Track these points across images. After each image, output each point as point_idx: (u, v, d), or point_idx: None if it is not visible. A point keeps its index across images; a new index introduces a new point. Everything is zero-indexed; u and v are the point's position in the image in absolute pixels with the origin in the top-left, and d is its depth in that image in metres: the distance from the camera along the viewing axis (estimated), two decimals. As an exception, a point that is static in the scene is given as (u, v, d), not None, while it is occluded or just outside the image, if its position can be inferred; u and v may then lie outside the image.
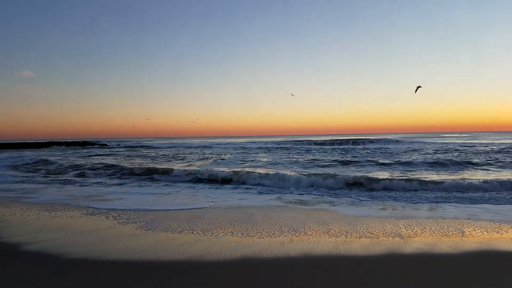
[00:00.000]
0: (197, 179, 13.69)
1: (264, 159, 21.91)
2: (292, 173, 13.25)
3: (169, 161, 22.78)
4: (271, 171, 14.49)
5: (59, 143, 58.10)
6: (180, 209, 7.92)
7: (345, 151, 29.67)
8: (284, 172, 13.59)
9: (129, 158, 25.99)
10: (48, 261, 4.39)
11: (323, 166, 17.40)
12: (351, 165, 17.30)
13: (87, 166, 18.17)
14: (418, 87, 11.45)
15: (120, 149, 44.02)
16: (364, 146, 37.85)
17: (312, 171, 14.70)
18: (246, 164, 19.47)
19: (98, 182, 13.24)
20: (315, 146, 38.96)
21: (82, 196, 9.82)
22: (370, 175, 12.75)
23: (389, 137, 60.49)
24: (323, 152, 28.96)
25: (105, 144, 61.14)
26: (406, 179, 11.34)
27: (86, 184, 12.75)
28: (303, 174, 12.73)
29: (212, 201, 8.90)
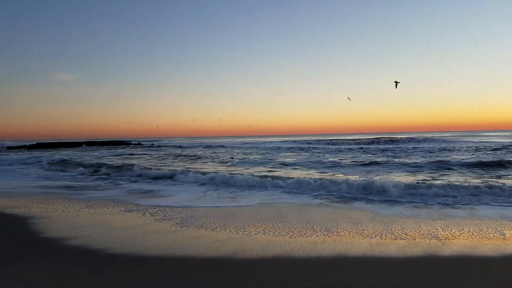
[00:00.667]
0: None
1: (291, 159, 21.76)
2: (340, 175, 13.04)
3: (206, 161, 22.94)
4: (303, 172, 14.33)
5: (92, 143, 60.48)
6: (216, 207, 8.11)
7: (387, 151, 27.44)
8: (329, 176, 13.41)
9: (161, 157, 26.66)
10: (88, 256, 4.58)
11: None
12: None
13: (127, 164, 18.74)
14: (396, 82, 11.09)
15: (153, 149, 45.20)
16: (398, 145, 36.48)
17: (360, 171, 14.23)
18: (280, 163, 19.38)
19: (140, 181, 13.63)
20: (353, 146, 37.44)
21: (129, 193, 10.17)
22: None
23: (413, 135, 58.11)
24: (363, 152, 27.52)
25: (140, 144, 63.04)
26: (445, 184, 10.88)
27: (128, 182, 13.16)
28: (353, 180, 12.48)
29: (249, 200, 8.97)
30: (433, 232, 5.57)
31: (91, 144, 59.37)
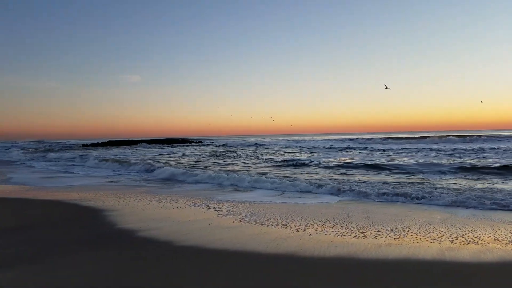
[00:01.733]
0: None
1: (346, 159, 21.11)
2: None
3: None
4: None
5: (153, 141, 64.15)
6: (282, 202, 8.31)
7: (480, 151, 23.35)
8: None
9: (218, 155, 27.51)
10: (159, 247, 4.92)
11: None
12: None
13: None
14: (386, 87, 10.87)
15: (214, 147, 46.70)
16: (482, 144, 32.82)
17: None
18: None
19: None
20: (422, 145, 33.30)
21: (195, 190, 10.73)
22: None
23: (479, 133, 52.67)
24: (453, 153, 22.82)
25: (201, 142, 65.68)
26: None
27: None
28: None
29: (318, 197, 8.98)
30: (510, 237, 5.12)
31: (155, 142, 62.97)
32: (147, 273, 3.87)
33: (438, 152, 24.07)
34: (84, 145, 58.69)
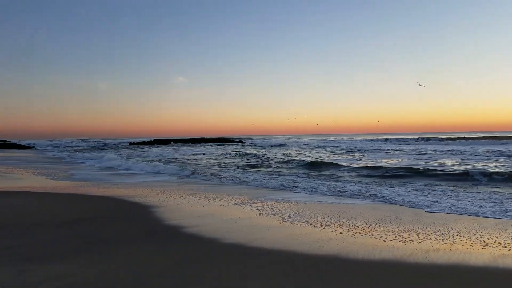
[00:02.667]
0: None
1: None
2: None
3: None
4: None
5: (199, 140, 65.80)
6: (327, 203, 8.25)
7: None
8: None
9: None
10: (205, 243, 5.11)
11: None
12: None
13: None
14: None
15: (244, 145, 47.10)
16: None
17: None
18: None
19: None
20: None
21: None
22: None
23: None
24: None
25: (241, 141, 66.60)
26: None
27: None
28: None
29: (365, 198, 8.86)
30: None
31: (197, 141, 64.66)
32: (193, 269, 4.04)
33: None
34: (131, 143, 61.64)
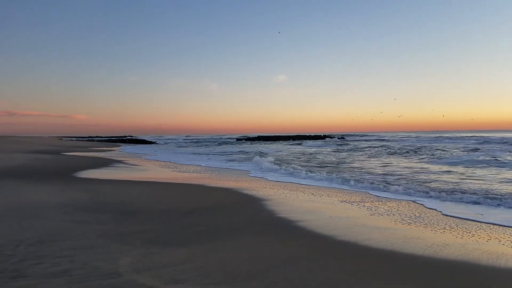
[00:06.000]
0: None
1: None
2: None
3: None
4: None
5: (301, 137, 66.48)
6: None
7: None
8: None
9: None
10: (318, 238, 5.43)
11: None
12: None
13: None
14: None
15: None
16: None
17: None
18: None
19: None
20: None
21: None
22: None
23: None
24: None
25: (343, 137, 65.48)
26: None
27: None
28: None
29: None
30: None
31: (299, 138, 65.44)
32: (309, 264, 4.35)
33: None
34: (238, 139, 65.61)
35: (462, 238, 5.38)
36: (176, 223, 6.17)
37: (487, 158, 19.01)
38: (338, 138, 67.29)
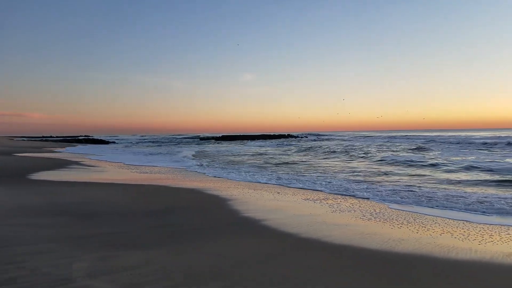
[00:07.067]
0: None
1: None
2: None
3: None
4: None
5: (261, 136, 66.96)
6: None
7: None
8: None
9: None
10: (283, 236, 5.45)
11: None
12: None
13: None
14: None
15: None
16: None
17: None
18: None
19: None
20: None
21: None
22: None
23: None
24: None
25: (306, 137, 66.69)
26: None
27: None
28: None
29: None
30: None
31: (262, 138, 65.85)
32: (270, 263, 4.36)
33: None
34: (201, 139, 65.01)
35: (417, 233, 5.61)
36: (136, 225, 5.97)
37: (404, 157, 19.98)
38: (302, 137, 68.46)
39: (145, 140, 70.89)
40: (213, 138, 65.75)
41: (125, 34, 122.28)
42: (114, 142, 60.33)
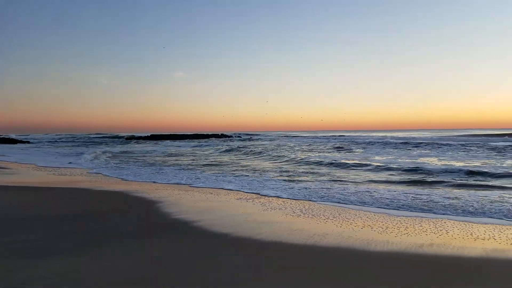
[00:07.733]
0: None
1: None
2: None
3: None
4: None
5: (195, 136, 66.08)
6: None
7: None
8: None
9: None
10: (212, 237, 5.36)
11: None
12: None
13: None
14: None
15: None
16: None
17: None
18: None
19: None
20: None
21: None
22: None
23: None
24: None
25: (239, 136, 67.10)
26: None
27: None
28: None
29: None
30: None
31: (191, 137, 64.83)
32: (201, 264, 4.27)
33: None
34: (127, 138, 61.77)
35: (341, 227, 5.96)
36: (51, 232, 5.44)
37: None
38: (236, 137, 68.97)
39: (62, 140, 65.10)
40: (140, 137, 62.81)
41: (47, 26, 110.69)
42: (28, 142, 54.24)
